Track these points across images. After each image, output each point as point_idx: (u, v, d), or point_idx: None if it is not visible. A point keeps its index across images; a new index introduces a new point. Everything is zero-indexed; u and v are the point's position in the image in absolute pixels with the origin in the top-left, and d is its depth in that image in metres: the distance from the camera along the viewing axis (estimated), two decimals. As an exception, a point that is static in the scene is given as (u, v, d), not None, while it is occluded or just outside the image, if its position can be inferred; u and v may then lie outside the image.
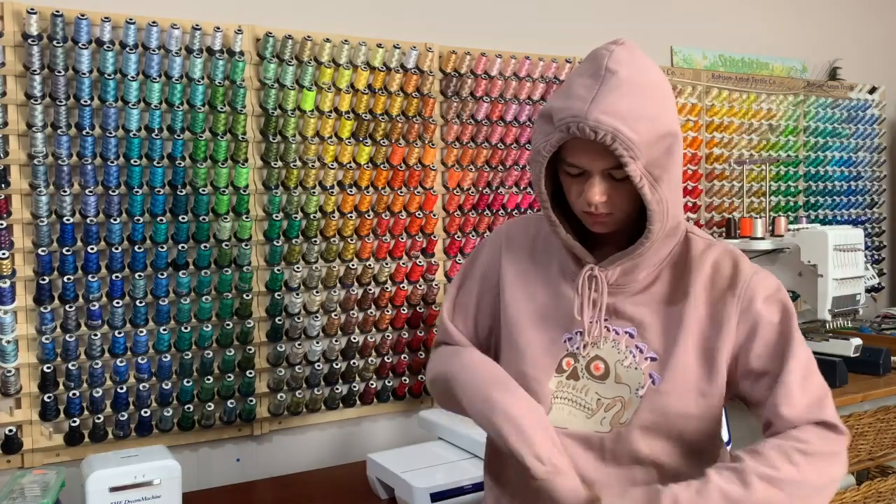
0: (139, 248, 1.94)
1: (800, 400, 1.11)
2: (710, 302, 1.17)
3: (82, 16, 1.85)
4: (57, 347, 1.87)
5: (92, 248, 1.89)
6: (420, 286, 2.34)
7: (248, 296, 2.07)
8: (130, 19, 1.90)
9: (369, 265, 2.25)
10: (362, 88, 2.23)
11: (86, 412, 1.90)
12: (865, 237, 2.94)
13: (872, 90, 3.54)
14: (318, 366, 2.17)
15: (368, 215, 2.25)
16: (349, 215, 2.22)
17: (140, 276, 1.93)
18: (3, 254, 1.78)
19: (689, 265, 1.19)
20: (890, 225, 3.69)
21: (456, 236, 2.43)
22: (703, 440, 1.19)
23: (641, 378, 1.15)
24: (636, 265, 1.17)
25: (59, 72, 1.83)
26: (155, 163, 1.94)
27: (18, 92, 1.84)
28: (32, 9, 1.80)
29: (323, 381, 2.20)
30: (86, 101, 1.86)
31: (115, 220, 1.90)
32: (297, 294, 2.13)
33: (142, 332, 1.94)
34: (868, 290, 2.87)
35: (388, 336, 2.28)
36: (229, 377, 2.06)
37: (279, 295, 2.13)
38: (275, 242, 2.11)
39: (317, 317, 2.16)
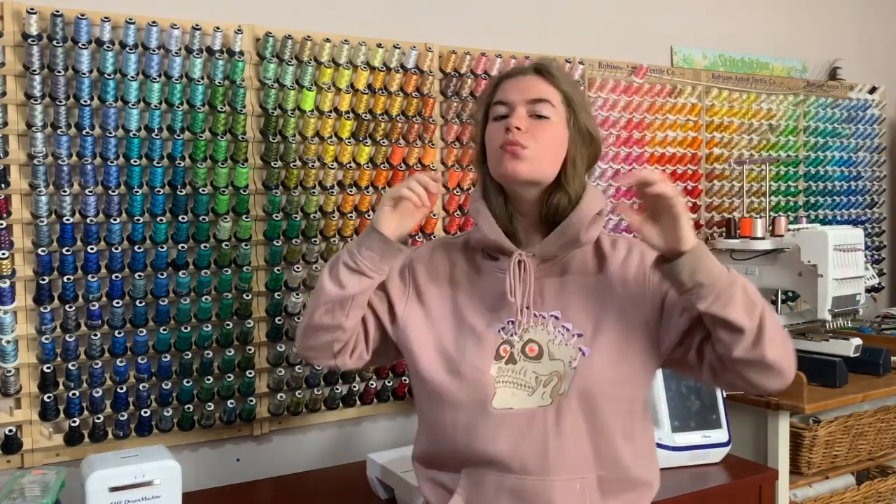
0: (139, 248, 1.94)
1: None
2: (623, 281, 1.31)
3: (82, 16, 1.85)
4: (57, 347, 1.87)
5: (92, 248, 1.88)
6: (420, 286, 2.34)
7: (248, 296, 2.07)
8: (130, 19, 1.90)
9: (369, 265, 2.25)
10: (362, 88, 2.23)
11: (86, 412, 1.90)
12: (865, 237, 2.94)
13: (872, 90, 3.54)
14: (318, 366, 2.17)
15: (368, 215, 2.25)
16: (349, 215, 2.22)
17: (140, 276, 1.93)
18: (3, 254, 1.78)
19: (599, 254, 1.35)
20: (890, 225, 3.69)
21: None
22: (633, 405, 1.31)
23: (572, 352, 1.27)
24: (558, 250, 1.31)
25: (59, 72, 1.83)
26: (155, 163, 1.94)
27: (18, 92, 1.84)
28: (32, 9, 1.80)
29: (323, 381, 2.20)
30: (86, 101, 1.86)
31: (115, 220, 1.90)
32: (297, 294, 2.13)
33: (142, 332, 1.94)
34: (868, 290, 2.87)
35: (388, 336, 2.28)
36: (229, 377, 2.06)
37: (279, 295, 2.13)
38: (275, 243, 2.11)
39: (317, 317, 2.16)
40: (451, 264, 1.40)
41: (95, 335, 1.88)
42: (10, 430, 1.84)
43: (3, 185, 1.82)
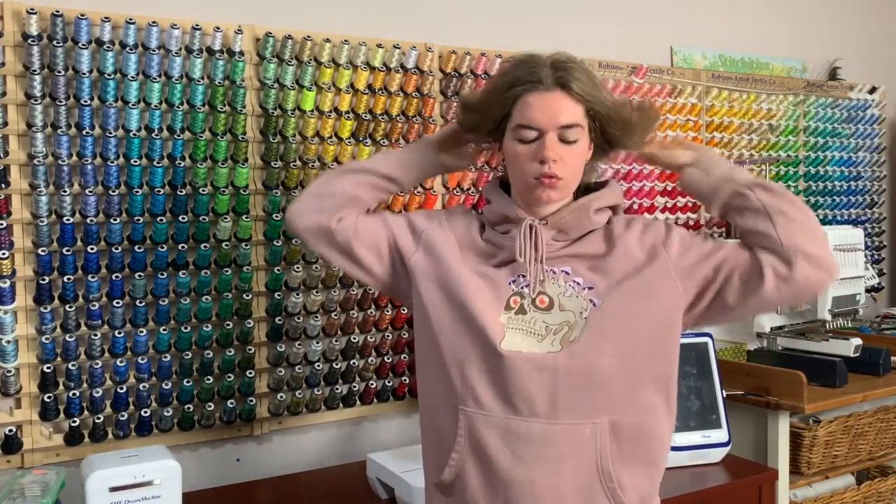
0: (139, 248, 1.94)
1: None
2: (642, 248, 1.33)
3: (82, 16, 1.85)
4: (57, 347, 1.87)
5: (92, 248, 1.89)
6: (420, 286, 2.34)
7: (248, 296, 2.07)
8: (130, 19, 1.90)
9: (369, 265, 2.25)
10: (362, 88, 2.23)
11: (86, 412, 1.90)
12: (865, 237, 2.94)
13: (872, 90, 3.54)
14: (318, 366, 2.17)
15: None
16: (349, 215, 2.21)
17: (140, 276, 1.93)
18: (3, 254, 1.78)
19: (612, 234, 1.36)
20: (890, 225, 3.69)
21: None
22: (647, 359, 1.29)
23: (584, 303, 1.29)
24: (568, 226, 1.33)
25: (59, 72, 1.83)
26: (155, 163, 1.94)
27: (18, 92, 1.84)
28: (32, 9, 1.80)
29: (323, 381, 2.20)
30: (86, 101, 1.86)
31: (115, 220, 1.90)
32: (297, 294, 2.13)
33: (142, 332, 1.94)
34: (868, 290, 2.87)
35: (388, 336, 2.28)
36: (229, 377, 2.06)
37: (279, 295, 2.13)
38: (275, 243, 2.11)
39: (317, 317, 2.16)
40: (468, 225, 1.42)
41: (95, 335, 1.88)
42: (10, 430, 1.84)
43: (3, 185, 1.82)
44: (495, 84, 1.35)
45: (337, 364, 2.22)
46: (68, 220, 1.85)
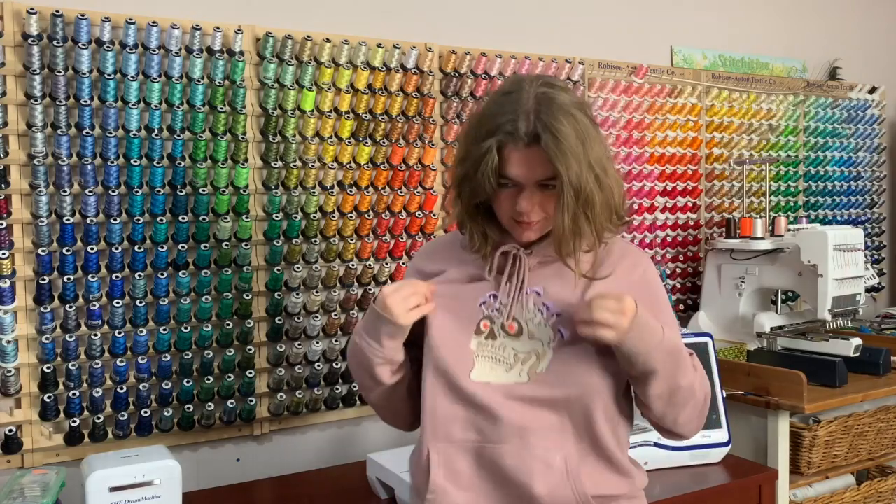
0: (139, 248, 1.94)
1: None
2: (615, 280, 1.33)
3: (82, 16, 1.85)
4: (57, 347, 1.87)
5: (92, 248, 1.89)
6: (420, 286, 2.34)
7: (248, 296, 2.07)
8: (130, 19, 1.90)
9: (369, 265, 2.25)
10: (362, 88, 2.23)
11: (86, 412, 1.90)
12: (865, 237, 2.94)
13: (872, 90, 3.54)
14: (318, 366, 2.17)
15: (368, 215, 2.25)
16: (349, 215, 2.22)
17: (140, 276, 1.93)
18: (3, 254, 1.78)
19: (592, 255, 1.34)
20: (890, 225, 3.70)
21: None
22: (613, 389, 1.31)
23: (551, 333, 1.30)
24: (551, 256, 1.32)
25: (59, 72, 1.83)
26: (155, 163, 1.94)
27: (18, 92, 1.84)
28: (32, 9, 1.80)
29: (323, 381, 2.20)
30: (86, 101, 1.86)
31: (115, 220, 1.90)
32: (297, 294, 2.13)
33: (142, 332, 1.94)
34: (868, 290, 2.87)
35: (388, 336, 2.27)
36: (229, 377, 2.06)
37: (279, 295, 2.13)
38: (275, 242, 2.11)
39: (317, 317, 2.16)
40: (444, 258, 1.43)
41: (95, 335, 1.88)
42: (11, 430, 1.84)
43: (3, 185, 1.82)
44: (477, 133, 1.27)
45: (337, 364, 2.22)
46: (68, 220, 1.85)
